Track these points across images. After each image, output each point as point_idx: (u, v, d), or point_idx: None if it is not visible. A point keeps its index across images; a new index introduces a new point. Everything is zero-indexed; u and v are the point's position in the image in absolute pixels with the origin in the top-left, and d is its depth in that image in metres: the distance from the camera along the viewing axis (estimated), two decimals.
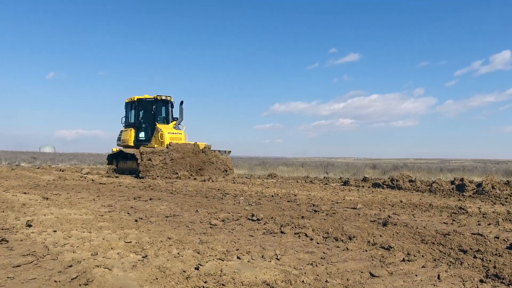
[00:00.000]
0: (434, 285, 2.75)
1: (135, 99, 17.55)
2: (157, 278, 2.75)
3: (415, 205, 6.87)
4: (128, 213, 5.70)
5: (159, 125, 16.96)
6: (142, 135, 17.44)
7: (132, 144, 17.39)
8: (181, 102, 17.35)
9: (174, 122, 17.51)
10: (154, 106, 17.39)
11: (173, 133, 16.66)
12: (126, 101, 18.26)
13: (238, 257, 3.30)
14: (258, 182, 12.69)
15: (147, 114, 17.49)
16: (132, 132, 17.51)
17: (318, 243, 3.95)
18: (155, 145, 16.51)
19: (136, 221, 5.04)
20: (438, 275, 2.92)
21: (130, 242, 3.73)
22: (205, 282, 2.68)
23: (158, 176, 13.89)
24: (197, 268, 2.98)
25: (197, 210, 5.97)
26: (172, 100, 17.88)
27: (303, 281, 2.73)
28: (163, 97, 17.48)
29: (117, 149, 18.19)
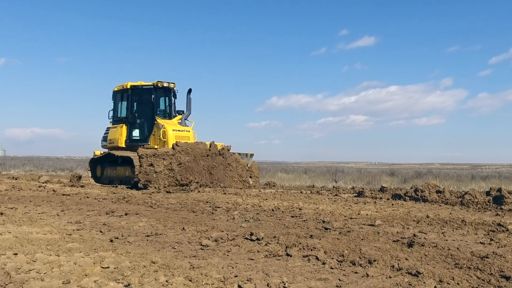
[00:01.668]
0: None
1: (128, 87, 16.67)
2: None
3: (445, 221, 6.97)
4: (101, 232, 5.73)
5: (160, 120, 16.14)
6: (136, 133, 16.60)
7: (123, 145, 16.55)
8: (189, 91, 16.63)
9: (179, 116, 16.77)
10: (153, 96, 16.48)
11: (178, 130, 15.92)
12: (115, 89, 17.38)
13: (239, 286, 3.35)
14: (254, 192, 12.77)
15: (144, 106, 16.65)
16: (123, 129, 16.63)
17: (331, 268, 4.01)
18: (155, 146, 15.73)
19: (111, 241, 5.07)
20: None
21: (108, 267, 3.76)
22: None
23: (162, 188, 13.09)
24: None
25: (183, 228, 6.02)
26: (175, 88, 17.08)
27: None
28: (165, 84, 16.61)
29: (102, 152, 17.35)
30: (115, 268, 3.75)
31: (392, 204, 9.78)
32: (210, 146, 14.91)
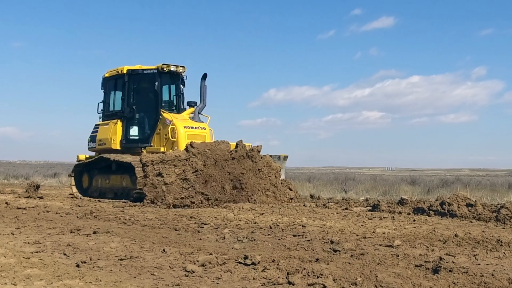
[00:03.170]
0: None
1: (124, 71, 15.79)
2: None
3: (477, 241, 7.01)
4: (65, 254, 5.75)
5: (166, 115, 15.35)
6: (135, 131, 15.78)
7: (118, 147, 15.71)
8: (204, 76, 15.91)
9: (191, 109, 15.96)
10: (157, 83, 15.56)
11: (191, 127, 15.21)
12: (106, 75, 16.64)
13: None
14: (248, 205, 12.78)
15: (145, 96, 15.98)
16: (117, 126, 15.78)
17: None
18: (161, 148, 14.91)
19: (78, 266, 5.09)
20: None
21: None
22: None
23: (173, 205, 12.17)
24: None
25: (164, 250, 6.04)
26: (184, 73, 16.32)
27: None
28: (172, 68, 15.72)
29: (88, 156, 16.65)
30: None
31: (414, 220, 9.83)
32: (236, 147, 13.99)
